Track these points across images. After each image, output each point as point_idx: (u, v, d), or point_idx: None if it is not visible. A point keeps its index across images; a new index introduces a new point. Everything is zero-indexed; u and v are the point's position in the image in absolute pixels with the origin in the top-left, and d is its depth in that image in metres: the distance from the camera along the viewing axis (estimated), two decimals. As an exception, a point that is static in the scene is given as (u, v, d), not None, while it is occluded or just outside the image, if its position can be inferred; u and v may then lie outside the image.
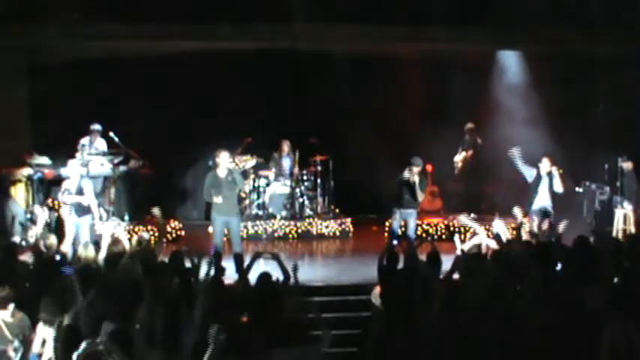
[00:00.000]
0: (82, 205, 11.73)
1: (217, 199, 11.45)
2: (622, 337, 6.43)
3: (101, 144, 14.44)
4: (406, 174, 12.62)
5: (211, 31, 13.99)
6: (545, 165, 12.93)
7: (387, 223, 14.12)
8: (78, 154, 14.30)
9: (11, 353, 6.21)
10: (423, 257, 9.38)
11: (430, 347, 6.78)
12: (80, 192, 11.78)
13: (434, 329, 6.97)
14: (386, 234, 13.96)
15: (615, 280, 8.21)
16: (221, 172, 11.53)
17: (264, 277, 7.97)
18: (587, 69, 14.83)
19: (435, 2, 13.67)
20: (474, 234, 10.74)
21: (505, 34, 14.50)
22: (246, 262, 11.27)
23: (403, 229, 13.21)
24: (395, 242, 12.38)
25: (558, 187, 12.85)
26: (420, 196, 12.78)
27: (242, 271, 11.09)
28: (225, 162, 11.59)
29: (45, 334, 6.81)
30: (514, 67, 16.22)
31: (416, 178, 12.62)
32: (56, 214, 13.52)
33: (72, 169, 12.01)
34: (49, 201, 13.82)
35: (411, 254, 9.49)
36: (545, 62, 15.51)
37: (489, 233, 11.18)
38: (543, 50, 15.29)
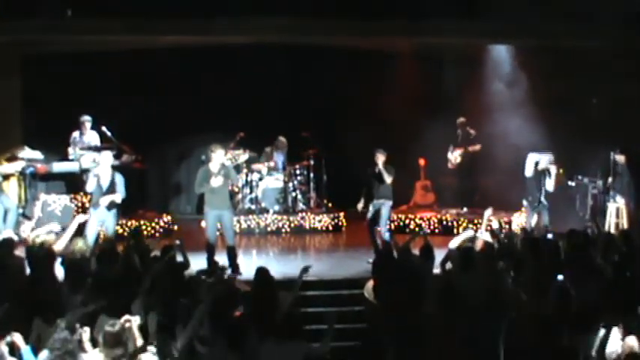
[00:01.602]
0: (113, 201, 11.64)
1: (214, 182, 11.37)
2: (615, 327, 6.48)
3: (92, 136, 14.36)
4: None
5: (206, 26, 13.94)
6: (544, 162, 12.93)
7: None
8: (70, 149, 14.29)
9: (3, 348, 6.19)
10: (416, 251, 9.42)
11: (424, 341, 6.79)
12: (113, 186, 11.63)
13: (427, 323, 6.98)
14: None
15: (607, 273, 8.25)
16: (214, 167, 11.50)
17: (262, 271, 7.98)
18: (581, 63, 14.81)
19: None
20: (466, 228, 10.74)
21: (498, 27, 14.48)
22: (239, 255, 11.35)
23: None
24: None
25: (550, 186, 12.86)
26: (388, 178, 12.56)
27: (235, 265, 11.16)
28: (220, 158, 11.55)
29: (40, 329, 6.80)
30: (507, 60, 16.21)
31: (381, 165, 12.59)
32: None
33: (105, 162, 11.83)
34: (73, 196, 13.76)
35: (405, 248, 9.52)
36: (539, 56, 15.50)
37: (487, 227, 11.17)
38: (537, 44, 15.28)
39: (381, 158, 12.62)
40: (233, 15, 13.56)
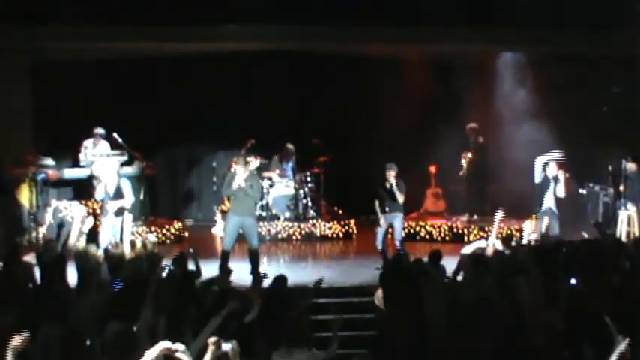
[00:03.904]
0: (121, 207, 11.69)
1: (236, 183, 11.41)
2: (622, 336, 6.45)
3: (104, 147, 14.40)
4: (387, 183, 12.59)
5: (214, 33, 14.00)
6: (552, 169, 12.91)
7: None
8: (81, 155, 14.34)
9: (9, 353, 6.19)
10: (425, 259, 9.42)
11: (434, 349, 6.78)
12: (119, 193, 11.70)
13: (437, 331, 6.97)
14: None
15: (617, 281, 8.21)
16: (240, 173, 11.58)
17: (280, 279, 7.98)
18: (592, 70, 14.81)
19: (438, 3, 13.68)
20: (480, 237, 10.70)
21: (508, 35, 14.49)
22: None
23: (390, 233, 12.96)
24: (380, 246, 12.48)
25: (560, 192, 12.83)
26: (400, 198, 12.54)
27: (257, 273, 11.09)
28: (253, 167, 11.77)
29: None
30: (518, 68, 16.20)
31: (392, 181, 12.50)
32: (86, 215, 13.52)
33: (110, 169, 11.89)
34: (84, 203, 13.77)
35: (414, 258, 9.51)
36: (549, 63, 15.49)
37: (498, 234, 11.12)
38: (548, 52, 15.28)
39: (391, 175, 12.53)
40: (241, 22, 13.62)
